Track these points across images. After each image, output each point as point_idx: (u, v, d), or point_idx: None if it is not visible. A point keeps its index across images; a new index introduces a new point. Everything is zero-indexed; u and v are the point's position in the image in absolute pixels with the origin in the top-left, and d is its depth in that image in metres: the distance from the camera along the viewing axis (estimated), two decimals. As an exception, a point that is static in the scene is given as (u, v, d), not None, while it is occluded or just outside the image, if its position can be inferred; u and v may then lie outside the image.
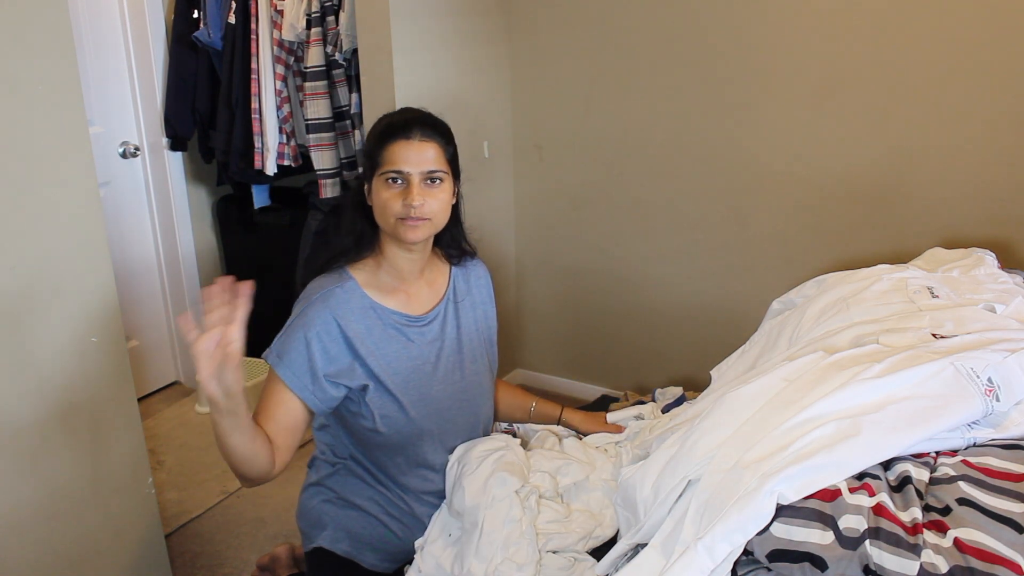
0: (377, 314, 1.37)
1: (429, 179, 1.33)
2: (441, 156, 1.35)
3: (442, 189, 1.35)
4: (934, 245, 1.82)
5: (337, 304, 1.33)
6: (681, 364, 2.63)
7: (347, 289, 1.35)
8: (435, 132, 1.35)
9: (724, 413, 1.07)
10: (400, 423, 1.39)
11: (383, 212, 1.33)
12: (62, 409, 1.52)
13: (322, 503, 1.47)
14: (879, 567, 0.85)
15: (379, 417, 1.37)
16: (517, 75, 2.68)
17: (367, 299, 1.37)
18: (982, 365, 1.08)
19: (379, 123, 1.38)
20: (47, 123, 1.43)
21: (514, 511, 1.32)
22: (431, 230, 1.36)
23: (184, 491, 2.37)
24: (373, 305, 1.37)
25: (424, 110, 1.40)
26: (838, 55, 2.12)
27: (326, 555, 1.45)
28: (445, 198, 1.37)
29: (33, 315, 1.45)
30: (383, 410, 1.37)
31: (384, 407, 1.37)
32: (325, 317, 1.32)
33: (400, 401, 1.38)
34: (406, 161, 1.31)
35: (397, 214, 1.31)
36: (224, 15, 2.58)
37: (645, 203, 2.55)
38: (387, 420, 1.38)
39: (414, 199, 1.30)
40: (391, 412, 1.38)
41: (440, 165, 1.34)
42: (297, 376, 1.31)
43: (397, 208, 1.31)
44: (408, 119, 1.35)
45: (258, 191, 2.90)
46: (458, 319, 1.49)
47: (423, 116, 1.37)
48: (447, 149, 1.37)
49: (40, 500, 1.51)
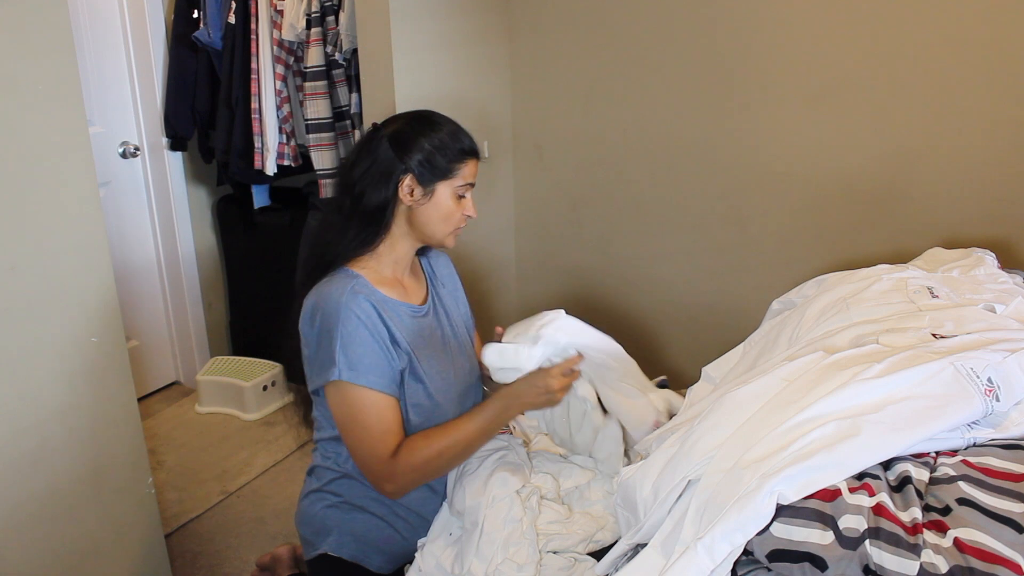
0: (390, 307, 1.39)
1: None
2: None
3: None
4: (934, 245, 1.82)
5: (367, 294, 1.35)
6: (681, 364, 2.63)
7: (362, 284, 1.36)
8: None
9: (724, 413, 1.07)
10: (428, 411, 1.40)
11: (446, 219, 1.42)
12: (62, 409, 1.52)
13: (325, 508, 1.46)
14: (879, 567, 0.85)
15: (411, 407, 1.38)
16: (517, 75, 2.68)
17: (378, 293, 1.38)
18: (982, 365, 1.08)
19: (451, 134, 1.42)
20: (47, 123, 1.43)
21: (515, 511, 1.32)
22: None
23: (184, 491, 2.37)
24: (385, 299, 1.39)
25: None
26: (838, 55, 2.12)
27: (332, 561, 1.44)
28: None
29: (33, 315, 1.45)
30: (413, 399, 1.39)
31: (414, 395, 1.39)
32: (366, 307, 1.33)
33: (428, 387, 1.40)
34: (474, 176, 1.44)
35: (458, 224, 1.44)
36: (224, 15, 2.58)
37: (645, 203, 2.55)
38: (417, 409, 1.39)
39: (474, 212, 1.45)
40: (421, 400, 1.39)
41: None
42: (381, 375, 1.33)
43: (458, 218, 1.43)
44: (473, 140, 1.45)
45: (258, 191, 2.90)
46: (444, 305, 1.54)
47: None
48: None
49: (40, 500, 1.51)
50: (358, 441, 1.33)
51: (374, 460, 1.33)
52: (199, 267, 3.02)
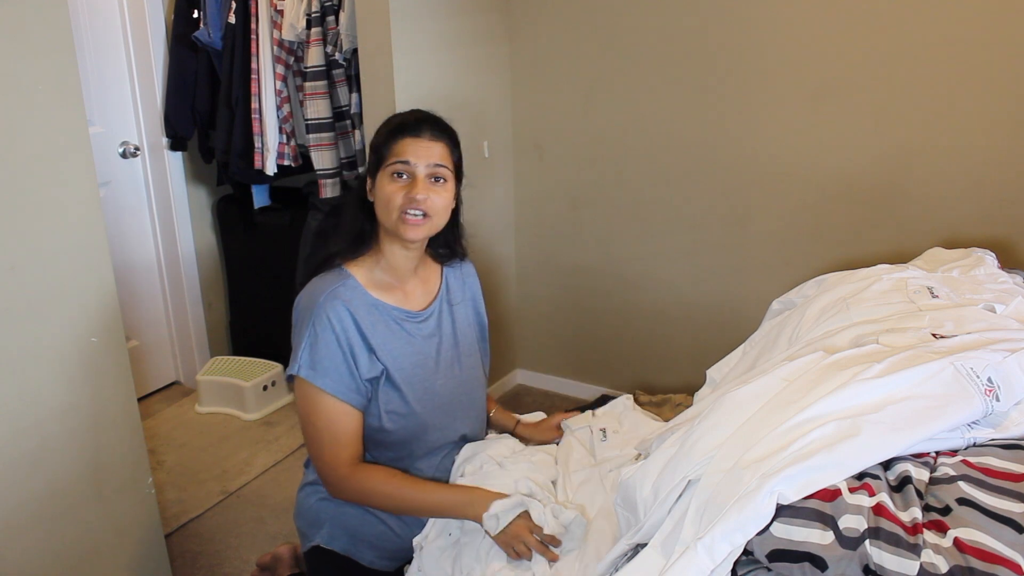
0: (379, 310, 1.38)
1: (434, 177, 1.36)
2: (448, 156, 1.38)
3: (445, 189, 1.38)
4: (934, 245, 1.82)
5: (347, 297, 1.34)
6: (681, 364, 2.63)
7: (349, 286, 1.36)
8: (444, 134, 1.39)
9: (724, 413, 1.07)
10: (405, 419, 1.39)
11: (387, 206, 1.34)
12: (62, 409, 1.52)
13: (319, 501, 1.47)
14: (879, 567, 0.85)
15: (385, 414, 1.38)
16: (517, 75, 2.68)
17: (368, 296, 1.38)
18: (982, 365, 1.08)
19: (390, 121, 1.41)
20: (47, 123, 1.43)
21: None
22: (430, 230, 1.38)
23: (184, 491, 2.37)
24: (375, 302, 1.38)
25: (435, 113, 1.42)
26: (838, 55, 2.12)
27: (324, 553, 1.45)
28: (448, 198, 1.39)
29: (33, 315, 1.45)
30: (389, 406, 1.38)
31: (390, 403, 1.38)
32: (340, 311, 1.33)
33: (405, 396, 1.39)
34: (415, 154, 1.34)
35: (400, 207, 1.33)
36: (224, 15, 2.58)
37: (645, 203, 2.55)
38: (393, 416, 1.38)
39: (418, 192, 1.32)
40: (397, 408, 1.38)
41: (446, 163, 1.37)
42: (339, 381, 1.32)
43: (399, 200, 1.32)
44: (419, 118, 1.38)
45: (258, 191, 2.90)
46: (453, 316, 1.51)
47: (434, 117, 1.40)
48: (454, 152, 1.41)
49: (40, 500, 1.51)
50: (308, 439, 1.38)
51: (319, 462, 1.37)
52: (199, 267, 3.02)
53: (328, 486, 1.39)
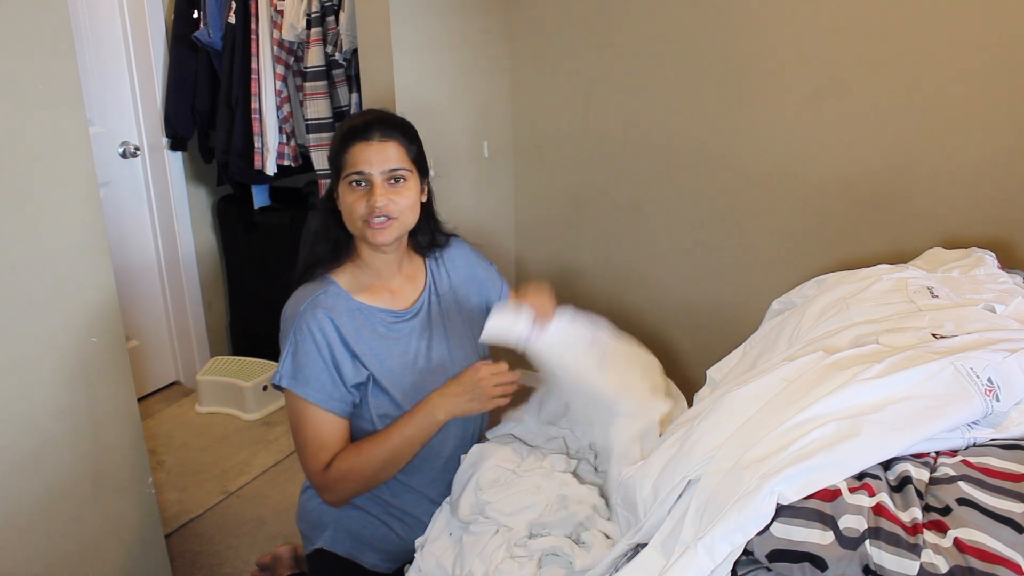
0: (364, 315, 1.38)
1: (392, 179, 1.34)
2: (403, 154, 1.35)
3: (407, 187, 1.36)
4: (934, 245, 1.82)
5: (328, 305, 1.34)
6: (681, 363, 2.63)
7: (332, 294, 1.36)
8: (395, 131, 1.35)
9: (724, 413, 1.07)
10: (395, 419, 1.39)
11: (349, 215, 1.34)
12: (62, 409, 1.52)
13: (321, 504, 1.47)
14: (879, 567, 0.85)
15: (377, 418, 1.37)
16: (517, 75, 2.68)
17: (352, 301, 1.38)
18: (982, 365, 1.08)
19: (341, 127, 1.39)
20: (47, 123, 1.43)
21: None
22: (399, 230, 1.37)
23: (184, 491, 2.37)
24: (359, 307, 1.38)
25: (384, 110, 1.40)
26: (838, 56, 2.12)
27: (327, 556, 1.45)
28: (411, 196, 1.37)
29: (33, 315, 1.45)
30: (379, 409, 1.38)
31: (380, 406, 1.38)
32: (321, 319, 1.32)
33: (395, 398, 1.38)
34: (367, 162, 1.32)
35: (362, 216, 1.32)
36: (224, 15, 2.59)
37: (645, 203, 2.55)
38: (385, 420, 1.38)
39: (377, 199, 1.31)
40: (388, 411, 1.38)
41: (402, 163, 1.35)
42: (320, 390, 1.32)
43: (361, 210, 1.32)
44: (367, 120, 1.35)
45: (258, 191, 2.90)
46: (441, 309, 1.50)
47: (382, 116, 1.37)
48: (409, 148, 1.37)
49: (40, 500, 1.51)
50: (298, 448, 1.38)
51: (310, 471, 1.37)
52: (199, 267, 3.02)
53: (320, 492, 1.39)
